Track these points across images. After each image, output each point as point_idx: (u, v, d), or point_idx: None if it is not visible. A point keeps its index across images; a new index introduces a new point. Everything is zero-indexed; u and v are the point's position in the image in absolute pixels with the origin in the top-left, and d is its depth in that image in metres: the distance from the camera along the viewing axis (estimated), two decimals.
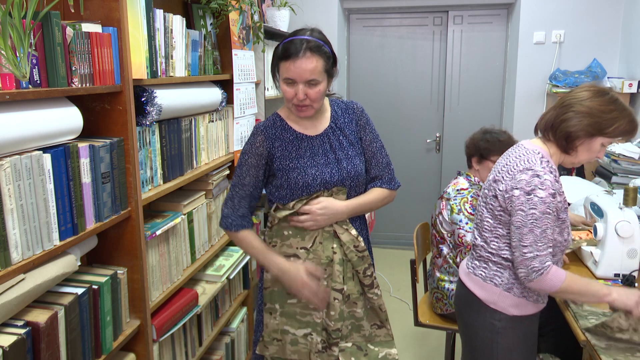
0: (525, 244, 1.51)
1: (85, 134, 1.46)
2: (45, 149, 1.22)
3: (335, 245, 1.57)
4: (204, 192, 2.11)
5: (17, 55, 1.13)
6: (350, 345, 1.60)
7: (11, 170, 1.11)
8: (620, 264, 1.93)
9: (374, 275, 1.63)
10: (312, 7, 3.92)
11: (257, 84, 2.72)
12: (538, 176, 1.50)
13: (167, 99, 1.74)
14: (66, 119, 1.30)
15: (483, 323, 1.68)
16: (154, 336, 1.67)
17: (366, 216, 2.96)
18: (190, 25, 2.15)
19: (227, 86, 2.34)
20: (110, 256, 1.58)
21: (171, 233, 1.82)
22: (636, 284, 1.93)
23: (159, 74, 1.75)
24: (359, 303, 1.60)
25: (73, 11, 1.43)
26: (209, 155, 2.17)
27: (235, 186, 1.61)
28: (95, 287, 1.39)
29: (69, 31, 1.29)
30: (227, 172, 2.31)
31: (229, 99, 2.36)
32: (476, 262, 1.72)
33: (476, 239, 1.72)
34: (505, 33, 4.09)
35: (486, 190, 1.68)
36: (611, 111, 1.52)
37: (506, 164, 1.62)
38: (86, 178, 1.34)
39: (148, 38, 1.65)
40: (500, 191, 1.59)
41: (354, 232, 1.59)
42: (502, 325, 1.64)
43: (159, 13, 1.73)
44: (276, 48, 1.53)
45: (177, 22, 1.87)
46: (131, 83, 1.51)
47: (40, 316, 1.20)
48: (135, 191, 1.54)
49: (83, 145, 1.33)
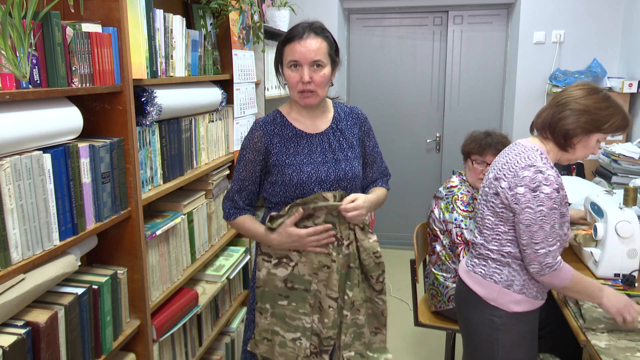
0: (536, 241, 1.53)
1: (85, 134, 1.46)
2: (45, 149, 1.22)
3: (335, 254, 1.54)
4: (204, 192, 2.11)
5: (17, 55, 1.13)
6: (353, 354, 1.59)
7: (11, 170, 1.11)
8: (620, 264, 1.93)
9: (385, 281, 1.63)
10: (312, 7, 3.92)
11: (257, 84, 2.72)
12: (541, 172, 1.52)
13: (167, 99, 1.74)
14: (66, 119, 1.30)
15: (483, 320, 1.69)
16: (154, 336, 1.67)
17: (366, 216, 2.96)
18: (190, 25, 2.15)
19: (227, 86, 2.34)
20: (110, 256, 1.58)
21: (171, 233, 1.82)
22: (636, 284, 1.93)
23: (159, 74, 1.75)
24: (362, 310, 1.59)
25: (73, 11, 1.43)
26: (209, 155, 2.17)
27: (234, 181, 1.63)
28: (95, 287, 1.40)
29: (69, 31, 1.29)
30: (227, 172, 2.31)
31: (229, 99, 2.36)
32: (475, 260, 1.73)
33: (476, 237, 1.74)
34: (505, 33, 4.10)
35: (486, 188, 1.69)
36: (606, 108, 1.57)
37: (506, 162, 1.63)
38: (86, 178, 1.34)
39: (148, 38, 1.65)
40: (502, 188, 1.60)
41: (374, 237, 1.58)
42: (502, 322, 1.66)
43: (159, 13, 1.73)
44: (279, 42, 1.56)
45: (177, 22, 1.87)
46: (131, 83, 1.51)
47: (40, 316, 1.20)
48: (135, 191, 1.54)
49: (83, 145, 1.33)
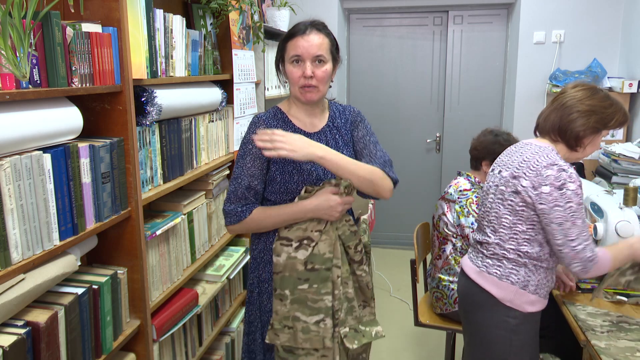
0: (572, 238, 1.54)
1: (85, 134, 1.46)
2: (45, 149, 1.22)
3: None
4: (204, 192, 2.11)
5: (17, 55, 1.13)
6: (348, 329, 1.58)
7: (11, 170, 1.11)
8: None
9: (363, 251, 1.64)
10: (312, 7, 3.92)
11: (257, 84, 2.72)
12: (564, 170, 1.55)
13: (167, 99, 1.74)
14: (66, 119, 1.30)
15: (498, 321, 1.68)
16: (154, 336, 1.67)
17: (366, 216, 2.96)
18: (190, 25, 2.15)
19: (227, 86, 2.34)
20: (110, 256, 1.58)
21: (171, 233, 1.82)
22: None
23: (159, 74, 1.75)
24: (349, 283, 1.60)
25: (73, 11, 1.43)
26: (209, 155, 2.17)
27: (238, 179, 1.56)
28: (95, 287, 1.39)
29: (69, 31, 1.29)
30: (227, 172, 2.31)
31: (229, 99, 2.36)
32: (488, 260, 1.71)
33: (488, 236, 1.72)
34: (505, 33, 4.10)
35: (502, 187, 1.68)
36: (610, 105, 1.63)
37: (524, 160, 1.63)
38: (86, 178, 1.34)
39: (148, 38, 1.65)
40: (523, 187, 1.60)
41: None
42: (516, 322, 1.66)
43: (159, 13, 1.73)
44: (281, 39, 1.56)
45: (177, 22, 1.87)
46: (131, 83, 1.51)
47: (40, 316, 1.20)
48: (135, 191, 1.54)
49: (83, 145, 1.33)
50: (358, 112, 1.68)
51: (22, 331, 1.13)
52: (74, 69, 1.31)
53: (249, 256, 2.45)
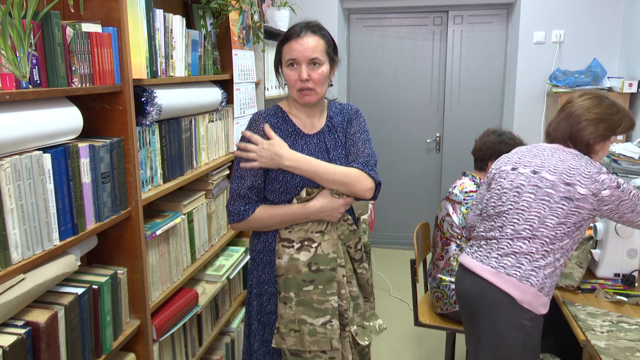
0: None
1: (85, 134, 1.46)
2: (45, 149, 1.22)
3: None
4: (204, 192, 2.11)
5: (17, 55, 1.13)
6: (356, 327, 1.60)
7: (11, 170, 1.11)
8: (620, 263, 1.94)
9: (362, 249, 1.65)
10: (312, 7, 3.92)
11: (257, 84, 2.72)
12: (608, 172, 1.64)
13: (167, 99, 1.74)
14: (66, 119, 1.30)
15: (514, 323, 1.66)
16: (154, 336, 1.67)
17: (366, 216, 2.96)
18: (190, 25, 2.15)
19: (227, 86, 2.34)
20: (110, 256, 1.58)
21: (171, 233, 1.82)
22: (636, 284, 1.93)
23: (159, 74, 1.75)
24: (352, 282, 1.61)
25: (73, 11, 1.43)
26: (209, 155, 2.17)
27: (241, 178, 1.56)
28: (95, 287, 1.39)
29: (69, 31, 1.29)
30: (227, 172, 2.31)
31: (229, 99, 2.36)
32: (505, 260, 1.67)
33: (518, 233, 1.67)
34: (505, 33, 4.10)
35: (549, 189, 1.64)
36: (617, 112, 1.70)
37: (571, 167, 1.64)
38: (86, 178, 1.34)
39: (148, 38, 1.65)
40: (581, 194, 1.61)
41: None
42: (531, 324, 1.66)
43: (159, 13, 1.73)
44: (278, 42, 1.57)
45: (177, 22, 1.87)
46: (131, 83, 1.51)
47: (40, 316, 1.20)
48: (135, 191, 1.54)
49: (83, 145, 1.33)
50: (356, 109, 1.68)
51: (22, 331, 1.13)
52: (74, 69, 1.31)
53: (249, 256, 2.45)
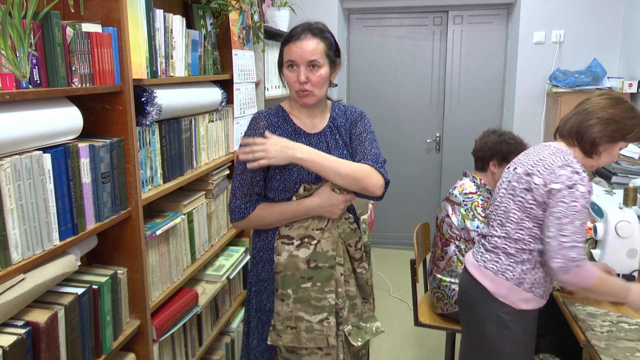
0: (564, 234, 1.53)
1: (85, 134, 1.46)
2: (45, 149, 1.22)
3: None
4: (204, 192, 2.11)
5: (17, 55, 1.13)
6: (350, 327, 1.60)
7: (11, 170, 1.11)
8: (620, 264, 1.94)
9: (363, 248, 1.65)
10: (312, 7, 3.92)
11: (257, 84, 2.72)
12: (577, 173, 1.56)
13: (167, 99, 1.74)
14: (66, 119, 1.30)
15: (491, 316, 1.71)
16: (154, 336, 1.67)
17: (366, 216, 2.96)
18: (190, 25, 2.15)
19: (227, 86, 2.34)
20: (110, 256, 1.58)
21: (171, 233, 1.82)
22: None
23: (159, 74, 1.75)
24: (350, 281, 1.61)
25: (73, 11, 1.43)
26: (209, 155, 2.17)
27: (240, 175, 1.57)
28: (95, 287, 1.40)
29: (69, 31, 1.29)
30: (227, 172, 2.31)
31: (229, 99, 2.36)
32: (487, 255, 1.74)
33: (494, 230, 1.73)
34: (505, 33, 4.10)
35: (514, 183, 1.69)
36: (632, 118, 1.62)
37: (540, 159, 1.64)
38: (86, 178, 1.34)
39: (148, 38, 1.65)
40: (535, 185, 1.61)
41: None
42: (509, 318, 1.68)
43: (159, 13, 1.73)
44: (280, 44, 1.58)
45: (177, 22, 1.87)
46: (131, 83, 1.51)
47: (40, 316, 1.20)
48: (135, 191, 1.54)
49: (83, 145, 1.33)
50: (360, 112, 1.68)
51: (22, 331, 1.13)
52: (74, 69, 1.31)
53: (249, 256, 2.45)
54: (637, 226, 1.91)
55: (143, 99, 1.62)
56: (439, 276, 2.39)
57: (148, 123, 1.63)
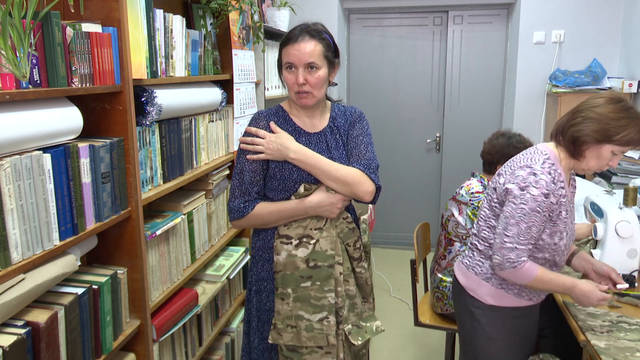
0: (507, 234, 1.56)
1: (85, 134, 1.46)
2: (45, 149, 1.22)
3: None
4: (204, 192, 2.11)
5: (17, 55, 1.13)
6: (350, 326, 1.61)
7: (11, 170, 1.11)
8: (620, 264, 1.94)
9: (362, 248, 1.67)
10: (312, 7, 3.92)
11: (257, 84, 2.72)
12: (534, 174, 1.54)
13: (167, 99, 1.74)
14: (66, 119, 1.30)
15: (464, 309, 1.78)
16: (154, 336, 1.67)
17: (366, 216, 2.96)
18: (190, 25, 2.15)
19: (227, 86, 2.34)
20: (110, 256, 1.58)
21: (171, 233, 1.82)
22: (636, 284, 1.93)
23: (159, 74, 1.75)
24: (350, 281, 1.62)
25: (73, 11, 1.43)
26: (209, 155, 2.17)
27: (240, 173, 1.57)
28: (95, 287, 1.40)
29: (69, 31, 1.29)
30: (227, 172, 2.31)
31: (229, 99, 2.36)
32: (466, 250, 1.82)
33: (473, 227, 1.81)
34: (505, 33, 4.10)
35: (491, 182, 1.74)
36: (620, 119, 1.51)
37: (512, 160, 1.68)
38: (86, 178, 1.34)
39: (148, 38, 1.65)
40: (499, 184, 1.65)
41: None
42: (479, 312, 1.72)
43: (159, 13, 1.73)
44: (280, 43, 1.59)
45: (177, 22, 1.87)
46: (131, 83, 1.51)
47: (40, 316, 1.20)
48: (135, 191, 1.54)
49: (83, 145, 1.33)
50: (360, 112, 1.69)
51: (22, 331, 1.13)
52: (74, 69, 1.31)
53: (249, 256, 2.45)
54: (637, 226, 1.91)
55: (143, 99, 1.62)
56: (439, 275, 2.39)
57: (148, 123, 1.63)
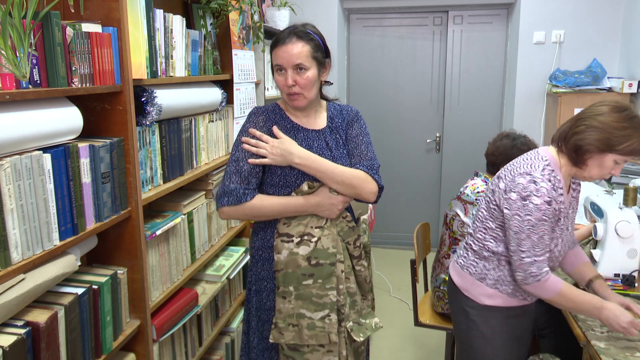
0: (523, 249, 1.55)
1: (85, 134, 1.46)
2: (45, 149, 1.22)
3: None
4: (204, 192, 2.11)
5: (17, 55, 1.13)
6: (352, 324, 1.61)
7: (11, 170, 1.11)
8: (620, 264, 1.94)
9: (361, 246, 1.67)
10: (312, 7, 3.92)
11: (257, 84, 2.72)
12: (535, 182, 1.52)
13: (167, 99, 1.74)
14: (66, 119, 1.30)
15: (460, 309, 1.78)
16: (154, 336, 1.67)
17: (366, 216, 2.96)
18: (190, 25, 2.15)
19: (227, 86, 2.34)
20: (110, 256, 1.58)
21: (171, 233, 1.82)
22: (636, 284, 1.93)
23: (159, 74, 1.75)
24: (351, 278, 1.63)
25: (73, 11, 1.43)
26: (209, 155, 2.17)
27: (238, 160, 1.55)
28: (95, 287, 1.40)
29: (69, 31, 1.29)
30: None
31: (229, 99, 2.36)
32: (461, 250, 1.82)
33: (469, 226, 1.81)
34: (505, 33, 4.10)
35: (490, 184, 1.73)
36: (624, 128, 1.49)
37: (512, 163, 1.66)
38: (86, 178, 1.34)
39: (148, 38, 1.65)
40: (499, 188, 1.63)
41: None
42: (474, 312, 1.73)
43: (159, 13, 1.73)
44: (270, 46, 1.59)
45: (177, 22, 1.87)
46: (131, 83, 1.51)
47: (40, 316, 1.20)
48: (135, 191, 1.54)
49: (83, 145, 1.33)
50: (356, 111, 1.69)
51: (22, 331, 1.13)
52: (74, 69, 1.31)
53: (248, 256, 2.45)
54: (637, 226, 1.91)
55: (143, 99, 1.62)
56: (442, 275, 2.39)
57: (148, 123, 1.63)
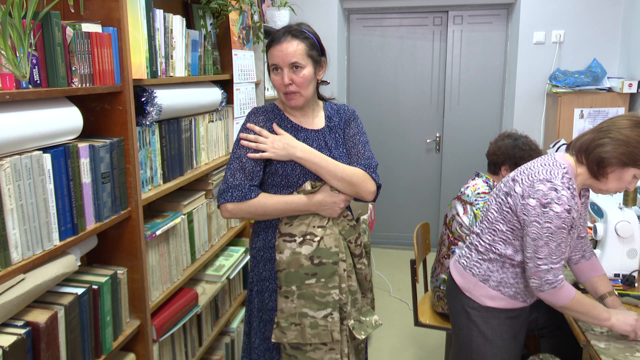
0: (540, 256, 1.54)
1: (85, 134, 1.46)
2: (45, 149, 1.23)
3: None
4: (204, 192, 2.11)
5: (17, 55, 1.13)
6: (353, 321, 1.62)
7: (11, 170, 1.11)
8: (620, 264, 1.94)
9: (362, 244, 1.67)
10: (312, 7, 3.92)
11: (257, 84, 2.72)
12: (556, 190, 1.51)
13: (167, 99, 1.74)
14: (66, 119, 1.30)
15: (460, 310, 1.77)
16: (154, 336, 1.67)
17: (366, 216, 2.96)
18: (190, 25, 2.15)
19: (227, 86, 2.34)
20: (110, 256, 1.58)
21: (171, 233, 1.82)
22: (636, 284, 1.93)
23: (159, 74, 1.75)
24: (352, 276, 1.63)
25: (73, 11, 1.43)
26: (209, 155, 2.17)
27: (240, 157, 1.54)
28: (95, 287, 1.40)
29: (69, 31, 1.29)
30: None
31: (229, 99, 2.36)
32: (464, 250, 1.80)
33: (475, 227, 1.78)
34: (505, 33, 4.10)
35: (502, 184, 1.70)
36: None
37: (529, 168, 1.62)
38: (86, 178, 1.34)
39: (148, 38, 1.65)
40: (515, 192, 1.60)
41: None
42: (475, 313, 1.72)
43: (159, 13, 1.73)
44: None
45: (177, 22, 1.87)
46: (131, 83, 1.51)
47: (40, 316, 1.20)
48: (135, 191, 1.54)
49: (83, 145, 1.33)
50: (352, 110, 1.70)
51: (22, 331, 1.13)
52: (74, 69, 1.31)
53: (249, 256, 2.45)
54: (637, 226, 1.91)
55: (143, 99, 1.62)
56: (442, 276, 2.39)
57: (148, 123, 1.63)
